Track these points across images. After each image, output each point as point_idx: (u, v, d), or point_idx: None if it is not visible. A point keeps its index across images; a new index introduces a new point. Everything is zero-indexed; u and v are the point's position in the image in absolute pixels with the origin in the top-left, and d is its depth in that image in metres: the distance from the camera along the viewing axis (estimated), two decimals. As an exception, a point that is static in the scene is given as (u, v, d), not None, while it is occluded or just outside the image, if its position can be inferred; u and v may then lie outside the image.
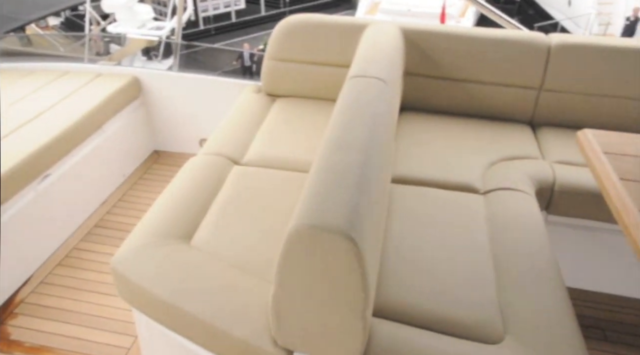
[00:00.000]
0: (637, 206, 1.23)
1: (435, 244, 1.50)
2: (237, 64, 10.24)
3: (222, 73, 8.71)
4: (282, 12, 17.31)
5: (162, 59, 7.20)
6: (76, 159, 2.30)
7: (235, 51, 11.64)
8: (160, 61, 7.13)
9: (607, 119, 2.14)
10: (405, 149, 1.98)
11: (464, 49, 2.17)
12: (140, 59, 6.97)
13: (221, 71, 10.36)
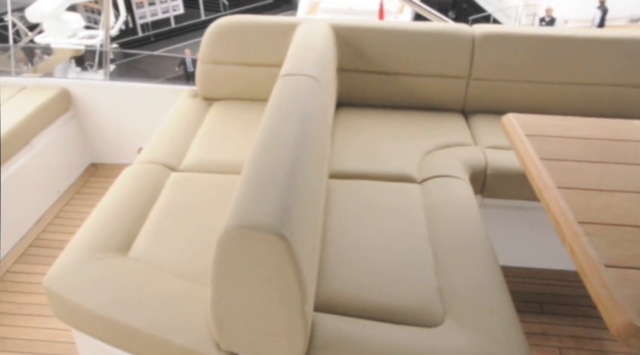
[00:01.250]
0: (555, 183, 1.30)
1: (374, 235, 1.52)
2: (179, 70, 10.03)
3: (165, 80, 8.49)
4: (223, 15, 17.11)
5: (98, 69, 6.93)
6: (3, 177, 2.18)
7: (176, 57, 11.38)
8: (97, 71, 6.86)
9: (531, 103, 2.26)
10: (342, 144, 2.00)
11: (395, 43, 2.22)
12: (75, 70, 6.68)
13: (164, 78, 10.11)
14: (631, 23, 10.34)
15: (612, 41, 2.15)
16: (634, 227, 1.14)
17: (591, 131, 1.56)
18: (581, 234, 1.12)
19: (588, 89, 2.22)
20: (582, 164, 1.39)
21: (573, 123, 1.60)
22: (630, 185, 1.29)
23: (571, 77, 2.20)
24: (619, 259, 1.05)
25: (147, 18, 18.01)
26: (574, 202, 1.23)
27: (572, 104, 2.25)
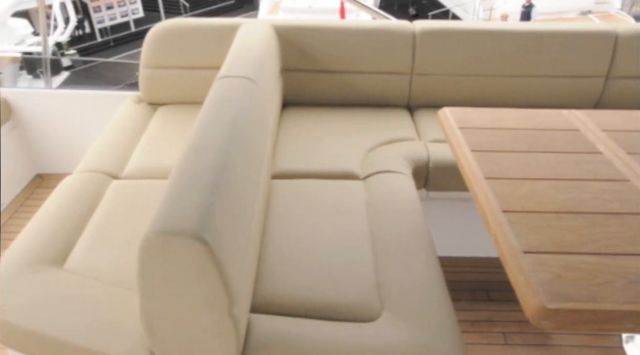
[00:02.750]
0: (484, 174, 1.34)
1: (315, 234, 1.53)
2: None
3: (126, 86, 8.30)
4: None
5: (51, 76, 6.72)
6: None
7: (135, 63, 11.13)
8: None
9: (473, 96, 2.31)
10: (286, 144, 2.01)
11: (337, 42, 2.24)
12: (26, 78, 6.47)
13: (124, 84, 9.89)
14: (581, 15, 10.71)
15: (549, 34, 2.22)
16: (553, 213, 1.19)
17: (520, 122, 1.61)
18: (504, 222, 1.16)
19: (527, 81, 2.29)
20: (510, 154, 1.43)
21: (503, 115, 1.65)
22: (552, 173, 1.34)
23: (510, 70, 2.26)
24: (537, 244, 1.09)
25: (105, 22, 17.62)
26: (499, 191, 1.27)
27: (511, 95, 2.32)
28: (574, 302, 0.95)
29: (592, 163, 1.39)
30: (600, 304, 0.94)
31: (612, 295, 0.96)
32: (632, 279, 1.00)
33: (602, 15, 10.40)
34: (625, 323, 0.94)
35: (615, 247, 1.08)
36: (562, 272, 1.01)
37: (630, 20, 10.24)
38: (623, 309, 0.94)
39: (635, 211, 1.19)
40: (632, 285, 0.98)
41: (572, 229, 1.13)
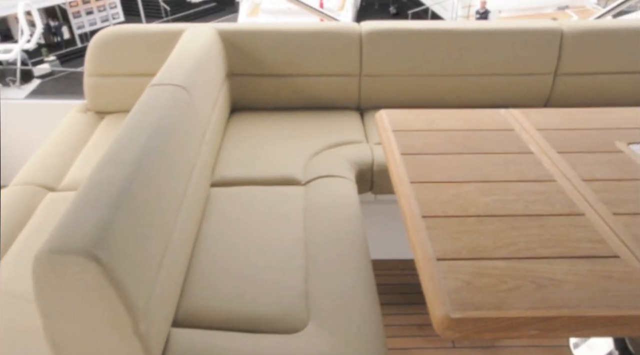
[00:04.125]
0: (409, 178, 1.31)
1: (248, 243, 1.50)
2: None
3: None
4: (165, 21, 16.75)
5: (21, 85, 6.62)
6: None
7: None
8: (20, 87, 6.56)
9: (422, 96, 2.29)
10: (230, 150, 1.97)
11: (285, 45, 2.20)
12: (-7, 87, 6.37)
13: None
14: (559, 11, 10.77)
15: (495, 33, 2.21)
16: (475, 217, 1.16)
17: (457, 123, 1.59)
18: (422, 228, 1.13)
19: (477, 80, 2.28)
20: (440, 156, 1.41)
21: (441, 116, 1.63)
22: (480, 175, 1.31)
23: (460, 68, 2.24)
24: (452, 251, 1.06)
25: (85, 28, 17.46)
26: (423, 196, 1.24)
27: (462, 94, 2.30)
28: (478, 311, 0.92)
29: (522, 163, 1.37)
30: (504, 311, 0.92)
31: (518, 301, 0.94)
32: (540, 283, 0.98)
33: (580, 10, 10.47)
34: (528, 329, 0.92)
35: (529, 251, 1.06)
36: (472, 279, 0.99)
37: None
38: (526, 316, 0.91)
39: (556, 212, 1.17)
40: (539, 289, 0.96)
41: (490, 233, 1.11)
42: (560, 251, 1.05)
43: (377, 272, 2.15)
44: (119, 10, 18.39)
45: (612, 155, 1.40)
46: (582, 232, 1.11)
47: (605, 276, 0.99)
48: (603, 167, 1.35)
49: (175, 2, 17.99)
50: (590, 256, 1.04)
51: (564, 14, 10.54)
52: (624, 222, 1.13)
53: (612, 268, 1.01)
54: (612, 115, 1.63)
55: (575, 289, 0.96)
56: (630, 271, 1.00)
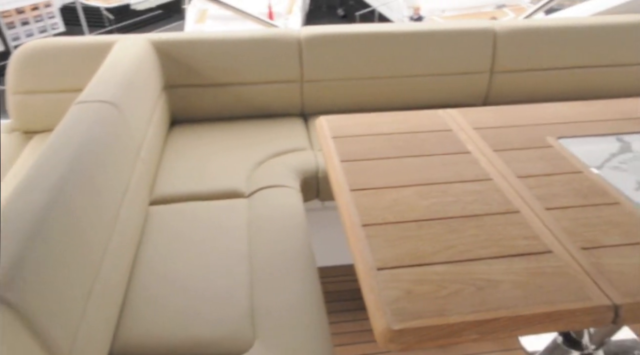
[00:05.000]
0: (349, 186, 1.30)
1: (190, 263, 1.44)
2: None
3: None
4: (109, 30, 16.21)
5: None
6: None
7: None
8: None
9: (363, 99, 2.29)
10: (171, 165, 1.90)
11: (223, 53, 2.15)
12: None
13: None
14: (497, 9, 11.17)
15: (432, 34, 2.23)
16: (414, 222, 1.16)
17: (396, 126, 1.59)
18: (362, 237, 1.11)
19: (417, 81, 2.30)
20: (380, 161, 1.40)
21: (379, 119, 1.62)
22: (419, 178, 1.31)
23: (400, 70, 2.26)
24: (393, 258, 1.05)
25: (21, 39, 16.63)
26: (363, 203, 1.22)
27: (404, 96, 2.32)
28: (419, 320, 0.91)
29: (460, 164, 1.38)
30: (445, 318, 0.91)
31: (458, 306, 0.94)
32: (479, 285, 0.98)
33: (516, 8, 10.90)
34: (470, 334, 0.92)
35: (468, 253, 1.06)
36: (412, 287, 0.98)
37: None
38: (467, 320, 0.91)
39: (492, 212, 1.18)
40: (479, 292, 0.96)
41: (429, 237, 1.11)
42: (497, 251, 1.06)
43: (326, 280, 2.13)
44: (58, 20, 17.65)
45: (544, 151, 1.44)
46: (518, 230, 1.12)
47: (539, 273, 1.00)
48: (536, 163, 1.38)
49: (118, 11, 17.44)
50: (525, 253, 1.05)
51: (501, 12, 10.95)
52: (555, 216, 1.16)
53: (546, 264, 1.02)
54: (543, 111, 1.68)
55: (512, 288, 0.96)
56: (562, 265, 1.01)
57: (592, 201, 1.21)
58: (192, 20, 13.86)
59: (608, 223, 1.13)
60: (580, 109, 1.69)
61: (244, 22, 12.73)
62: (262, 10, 13.15)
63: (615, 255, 1.04)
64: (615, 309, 0.93)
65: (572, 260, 1.03)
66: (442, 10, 12.09)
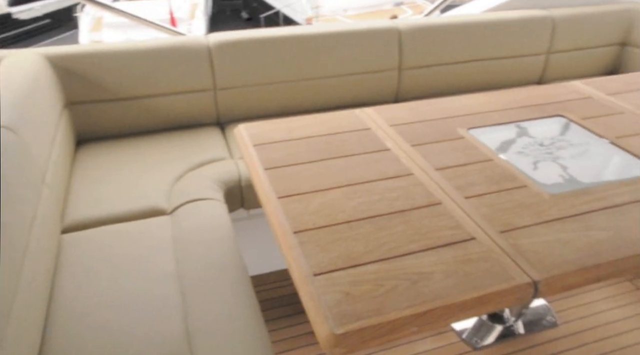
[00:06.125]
0: (276, 193, 1.28)
1: (114, 292, 1.34)
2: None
3: None
4: (-10, 43, 14.78)
5: None
6: None
7: None
8: None
9: (279, 104, 2.29)
10: (81, 188, 1.76)
11: (129, 65, 2.03)
12: None
13: None
14: (396, 7, 11.70)
15: (339, 35, 2.28)
16: (345, 224, 1.17)
17: (314, 128, 1.60)
18: (295, 245, 1.10)
19: (331, 82, 2.33)
20: (303, 166, 1.40)
21: (298, 123, 1.62)
22: (343, 179, 1.33)
23: (312, 72, 2.28)
24: (327, 263, 1.05)
25: None
26: (292, 210, 1.21)
27: (319, 98, 2.34)
28: (360, 321, 0.92)
29: (381, 161, 1.42)
30: (385, 315, 0.93)
31: (396, 302, 0.96)
32: (414, 279, 1.01)
33: (413, 6, 11.50)
34: (409, 328, 0.94)
35: (399, 249, 1.09)
36: (350, 289, 0.99)
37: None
38: (405, 315, 0.93)
39: (417, 206, 1.23)
40: (413, 286, 0.99)
41: (360, 237, 1.12)
42: (425, 243, 1.10)
43: (260, 288, 2.10)
44: None
45: (457, 142, 1.52)
46: (442, 221, 1.17)
47: (466, 260, 1.05)
48: (451, 155, 1.45)
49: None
50: (451, 243, 1.10)
51: (400, 9, 11.49)
52: (474, 204, 1.23)
53: (471, 250, 1.08)
54: (451, 104, 1.78)
55: (444, 278, 1.01)
56: (486, 250, 1.08)
57: (504, 186, 1.29)
58: (87, 30, 13.02)
59: (520, 206, 1.22)
60: (484, 100, 1.80)
61: (146, 29, 12.14)
62: (163, 17, 12.69)
63: (530, 235, 1.12)
64: (535, 285, 1.00)
65: (493, 244, 1.09)
66: (344, 10, 12.42)
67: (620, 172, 1.40)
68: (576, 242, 1.10)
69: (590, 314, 2.01)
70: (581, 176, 1.37)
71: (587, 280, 1.05)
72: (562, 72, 2.78)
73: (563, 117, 1.71)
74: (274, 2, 14.10)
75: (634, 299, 2.08)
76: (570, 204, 1.23)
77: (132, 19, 2.36)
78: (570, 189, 1.30)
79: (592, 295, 2.10)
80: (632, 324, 1.97)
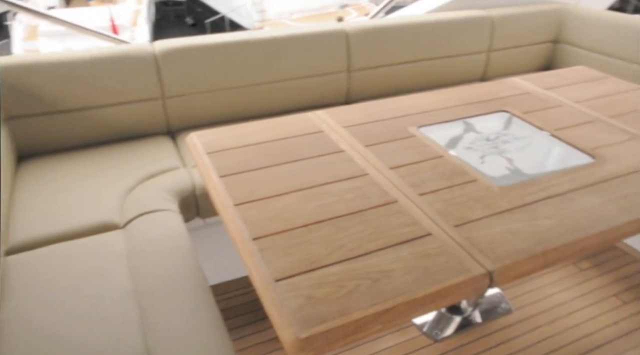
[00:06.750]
0: (233, 201, 1.27)
1: (66, 315, 1.28)
2: None
3: None
4: None
5: None
6: None
7: None
8: None
9: (230, 110, 2.27)
10: (26, 207, 1.67)
11: (72, 75, 1.95)
12: None
13: None
14: (341, 9, 11.83)
15: (287, 39, 2.28)
16: (303, 228, 1.17)
17: (267, 133, 1.59)
18: (254, 251, 1.10)
19: (280, 86, 2.33)
20: (258, 172, 1.39)
21: (250, 129, 1.61)
22: (299, 183, 1.33)
23: (261, 77, 2.27)
24: (289, 268, 1.05)
25: None
26: (249, 217, 1.20)
27: (269, 102, 2.34)
28: (325, 323, 0.92)
29: (336, 163, 1.43)
30: (349, 315, 0.94)
31: (359, 302, 0.97)
32: (375, 278, 1.03)
33: (357, 7, 11.66)
34: (373, 326, 0.96)
35: (358, 249, 1.10)
36: (313, 292, 0.99)
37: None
38: (368, 314, 0.95)
39: (373, 205, 1.25)
40: (375, 284, 1.01)
41: (320, 240, 1.13)
42: (384, 242, 1.12)
43: (222, 297, 2.07)
44: None
45: (408, 141, 1.56)
46: (399, 218, 1.20)
47: (424, 255, 1.08)
48: (403, 153, 1.48)
49: None
50: (409, 240, 1.13)
51: (345, 11, 11.63)
52: (428, 200, 1.26)
53: (428, 246, 1.11)
54: (401, 104, 1.82)
55: (403, 275, 1.03)
56: (442, 245, 1.11)
57: (456, 181, 1.34)
58: (20, 39, 12.36)
59: (472, 199, 1.26)
60: (432, 98, 1.86)
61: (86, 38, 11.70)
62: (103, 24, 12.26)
63: (482, 227, 1.16)
64: (490, 275, 1.04)
65: (449, 238, 1.13)
66: (290, 13, 12.42)
67: (561, 162, 1.48)
68: (524, 232, 1.15)
69: (541, 298, 2.11)
70: (526, 168, 1.44)
71: (537, 267, 1.10)
72: (503, 69, 2.91)
73: (506, 112, 1.78)
74: (219, 7, 13.91)
75: (578, 280, 2.21)
76: (518, 195, 1.29)
77: (70, 27, 2.26)
78: (516, 181, 1.36)
79: (541, 281, 2.20)
80: (578, 303, 2.09)
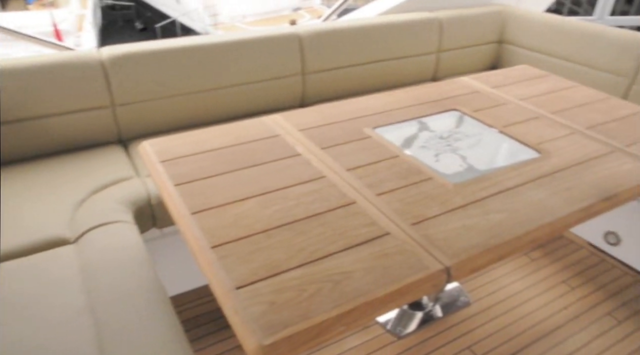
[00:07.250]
0: (189, 209, 1.24)
1: (16, 340, 1.22)
2: None
3: None
4: None
5: None
6: None
7: None
8: None
9: (184, 116, 2.22)
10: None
11: (13, 84, 1.85)
12: None
13: None
14: (294, 12, 11.87)
15: (241, 43, 2.26)
16: (262, 233, 1.16)
17: (223, 139, 1.57)
18: (214, 260, 1.08)
19: (234, 91, 2.31)
20: (214, 179, 1.37)
21: (205, 135, 1.59)
22: (257, 189, 1.32)
23: (216, 82, 2.24)
24: (249, 274, 1.04)
25: None
26: (207, 225, 1.18)
27: (225, 107, 2.31)
28: (288, 328, 0.92)
29: (293, 167, 1.43)
30: (312, 319, 0.94)
31: (321, 305, 0.97)
32: (336, 280, 1.03)
33: (310, 10, 11.74)
34: (337, 328, 0.96)
35: (319, 252, 1.10)
36: (274, 298, 0.98)
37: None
38: (331, 316, 0.95)
39: (332, 207, 1.25)
40: (337, 286, 1.01)
41: (280, 245, 1.12)
42: (344, 243, 1.13)
43: (182, 308, 2.02)
44: None
45: (364, 142, 1.57)
46: (357, 219, 1.21)
47: (383, 255, 1.09)
48: (360, 154, 1.50)
49: None
50: (368, 240, 1.14)
51: (298, 14, 11.68)
52: (386, 200, 1.28)
53: (387, 245, 1.12)
54: (356, 105, 1.84)
55: (364, 275, 1.04)
56: (400, 243, 1.13)
57: (412, 180, 1.36)
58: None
59: (427, 197, 1.29)
60: (386, 99, 1.89)
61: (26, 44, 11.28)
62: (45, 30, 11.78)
63: (438, 224, 1.19)
64: (447, 270, 1.07)
65: (407, 237, 1.15)
66: (243, 16, 12.34)
67: (509, 157, 1.54)
68: (478, 226, 1.19)
69: (497, 289, 2.18)
70: (478, 164, 1.49)
71: (492, 260, 1.13)
72: (452, 69, 2.99)
73: (457, 111, 1.84)
74: (169, 11, 13.64)
75: (531, 269, 2.30)
76: (471, 191, 1.32)
77: (8, 33, 2.15)
78: (469, 177, 1.40)
79: (497, 272, 2.28)
80: (532, 292, 2.17)
